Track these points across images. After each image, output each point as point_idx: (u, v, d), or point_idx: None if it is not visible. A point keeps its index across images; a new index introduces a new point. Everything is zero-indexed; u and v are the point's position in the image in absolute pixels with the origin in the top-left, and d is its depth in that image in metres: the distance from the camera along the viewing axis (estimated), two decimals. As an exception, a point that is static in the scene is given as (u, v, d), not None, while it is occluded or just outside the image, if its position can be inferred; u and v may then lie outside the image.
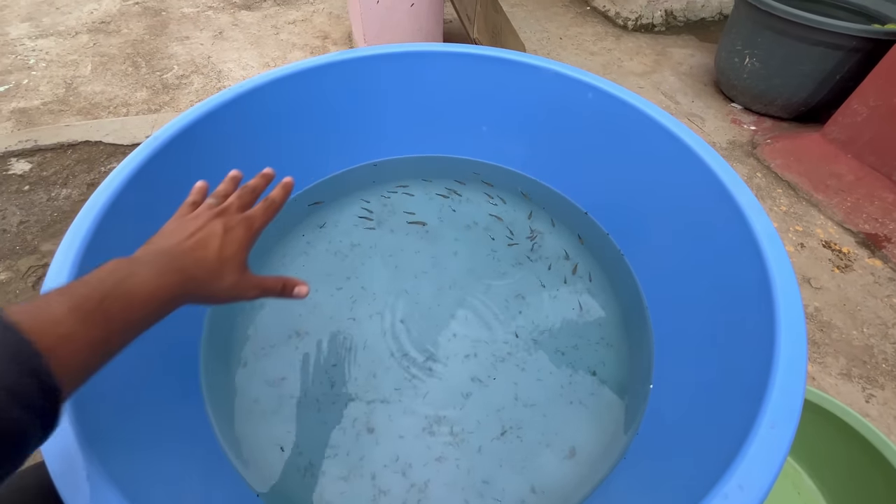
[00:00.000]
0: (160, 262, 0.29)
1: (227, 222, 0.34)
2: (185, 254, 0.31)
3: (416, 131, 0.81)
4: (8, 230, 0.91)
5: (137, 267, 0.28)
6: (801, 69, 1.20)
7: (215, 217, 0.34)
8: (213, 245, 0.32)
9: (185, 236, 0.32)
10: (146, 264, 0.28)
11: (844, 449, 0.58)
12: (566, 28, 1.78)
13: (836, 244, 1.01)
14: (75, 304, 0.24)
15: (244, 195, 0.38)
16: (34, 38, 1.58)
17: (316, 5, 1.85)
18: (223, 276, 0.32)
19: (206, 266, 0.31)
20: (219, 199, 0.38)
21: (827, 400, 0.59)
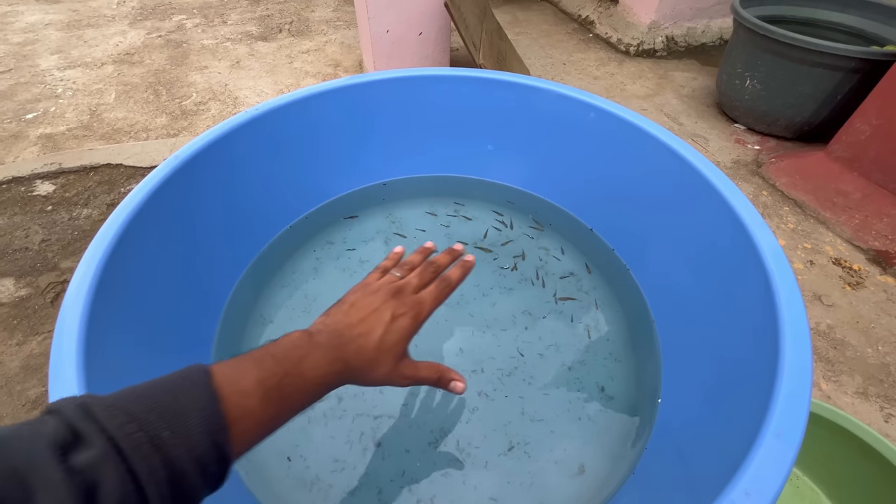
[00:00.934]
0: (331, 346, 0.30)
1: (397, 308, 0.34)
2: (351, 341, 0.31)
3: (424, 151, 0.83)
4: (30, 248, 0.94)
5: (314, 349, 0.29)
6: (802, 90, 1.22)
7: (390, 298, 0.34)
8: (377, 334, 0.32)
9: (358, 320, 0.32)
10: (321, 347, 0.29)
11: (863, 468, 0.57)
12: (570, 54, 1.83)
13: (847, 261, 1.00)
14: (262, 378, 0.25)
15: (425, 273, 0.39)
16: (62, 69, 1.67)
17: (329, 36, 1.94)
18: (379, 367, 0.32)
19: (364, 355, 0.31)
20: (404, 271, 0.38)
21: (845, 418, 0.58)
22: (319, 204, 0.80)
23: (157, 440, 0.20)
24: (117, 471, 0.18)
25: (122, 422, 0.20)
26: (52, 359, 0.38)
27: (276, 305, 0.67)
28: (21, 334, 0.80)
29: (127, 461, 0.19)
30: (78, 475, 0.17)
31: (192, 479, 0.21)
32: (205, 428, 0.22)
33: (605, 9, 2.00)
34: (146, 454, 0.19)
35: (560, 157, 0.77)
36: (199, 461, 0.21)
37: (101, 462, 0.18)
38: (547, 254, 0.75)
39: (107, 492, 0.18)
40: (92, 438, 0.18)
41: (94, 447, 0.18)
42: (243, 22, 2.05)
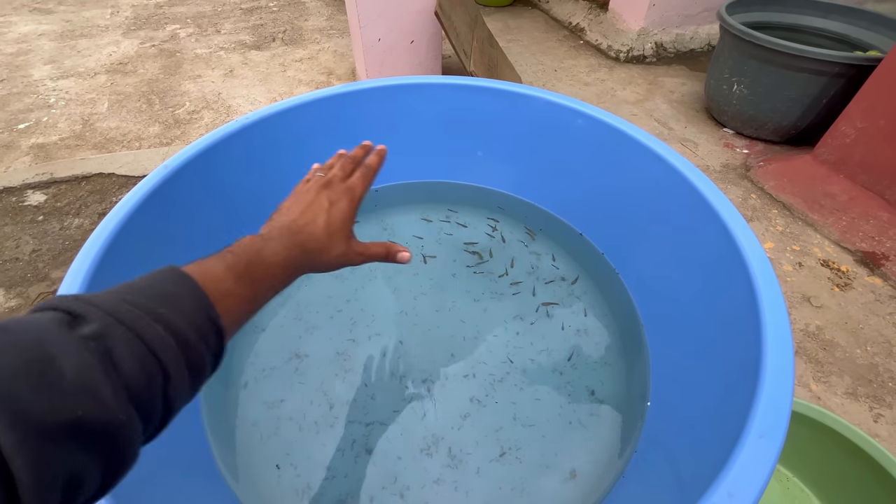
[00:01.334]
0: (284, 237, 0.33)
1: (331, 195, 0.38)
2: (300, 229, 0.34)
3: (415, 158, 0.84)
4: (21, 258, 0.94)
5: (268, 242, 0.31)
6: (788, 95, 1.24)
7: (322, 189, 0.38)
8: (321, 219, 0.35)
9: (299, 213, 0.36)
10: (274, 239, 0.32)
11: (853, 469, 0.57)
12: (560, 61, 1.85)
13: (835, 263, 1.01)
14: (228, 266, 0.27)
15: (345, 164, 0.42)
16: (55, 79, 1.67)
17: (322, 44, 1.95)
18: (332, 247, 0.36)
19: (316, 239, 0.35)
20: (325, 171, 0.42)
21: (834, 419, 0.58)
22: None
23: (155, 315, 0.21)
24: (125, 336, 0.19)
25: (115, 301, 0.21)
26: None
27: (268, 313, 0.68)
28: (10, 345, 0.79)
29: (133, 329, 0.20)
30: (91, 342, 0.18)
31: (198, 347, 0.22)
32: (195, 305, 0.23)
33: (595, 16, 2.03)
34: (148, 324, 0.20)
35: (550, 162, 0.78)
36: (199, 331, 0.23)
37: (107, 331, 0.19)
38: (538, 259, 0.75)
39: (122, 351, 0.19)
40: (91, 316, 0.19)
41: (96, 321, 0.19)
42: (237, 31, 2.06)
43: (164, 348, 0.20)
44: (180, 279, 0.24)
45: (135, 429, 0.19)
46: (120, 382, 0.18)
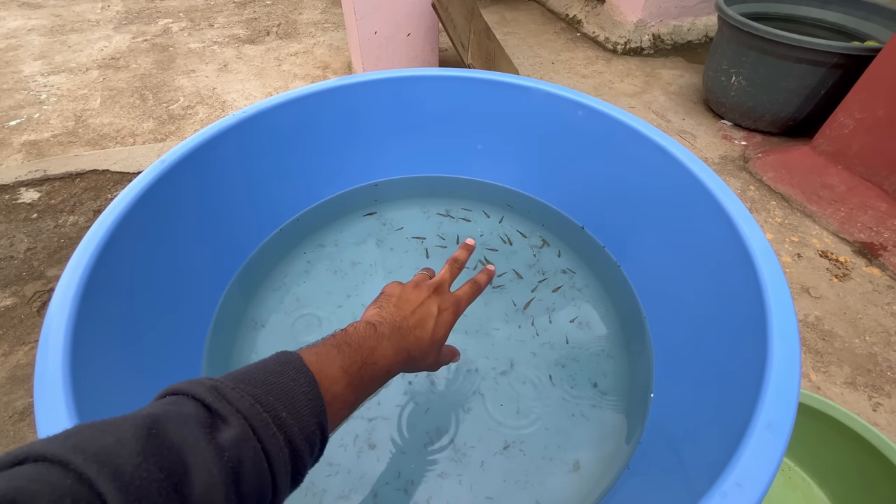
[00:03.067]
0: (394, 338, 0.33)
1: (442, 303, 0.38)
2: (409, 332, 0.34)
3: (413, 152, 0.83)
4: (15, 257, 0.93)
5: (382, 340, 0.31)
6: (787, 86, 1.24)
7: (433, 294, 0.38)
8: (429, 327, 0.36)
9: (410, 312, 0.36)
10: (387, 338, 0.32)
11: (854, 458, 0.58)
12: (558, 53, 1.84)
13: (833, 254, 1.01)
14: (345, 365, 0.27)
15: (454, 268, 0.43)
16: (46, 75, 1.64)
17: (317, 38, 1.93)
18: (429, 356, 0.36)
19: (421, 347, 0.35)
20: (430, 272, 0.43)
21: (834, 408, 0.58)
22: (310, 206, 0.79)
23: (278, 420, 0.22)
24: (255, 450, 0.20)
25: (250, 403, 0.21)
26: (37, 370, 0.38)
27: (267, 309, 0.67)
28: (7, 344, 0.78)
29: (261, 441, 0.21)
30: (225, 453, 0.19)
31: (304, 456, 0.23)
32: (311, 409, 0.24)
33: (592, 8, 2.01)
34: (273, 434, 0.21)
35: (549, 155, 0.77)
36: (309, 440, 0.23)
37: (242, 441, 0.20)
38: (538, 252, 0.75)
39: (247, 468, 0.20)
40: (230, 419, 0.20)
41: (234, 427, 0.20)
42: (230, 25, 2.04)
43: (280, 464, 0.21)
44: (300, 374, 0.24)
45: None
46: (236, 502, 0.19)
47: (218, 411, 0.20)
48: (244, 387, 0.22)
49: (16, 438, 0.66)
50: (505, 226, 0.79)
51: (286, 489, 0.22)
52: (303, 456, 0.23)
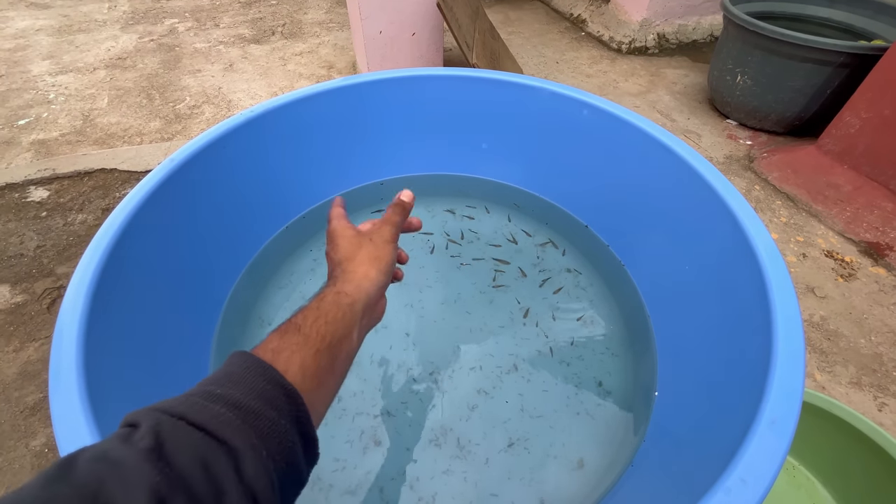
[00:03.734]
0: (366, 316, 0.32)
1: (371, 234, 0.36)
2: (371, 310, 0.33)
3: (419, 151, 0.83)
4: (25, 254, 0.94)
5: (356, 329, 0.30)
6: (792, 85, 1.23)
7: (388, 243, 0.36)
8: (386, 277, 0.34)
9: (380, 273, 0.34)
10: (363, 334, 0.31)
11: (859, 457, 0.58)
12: (562, 53, 1.84)
13: (839, 253, 1.01)
14: (282, 329, 0.26)
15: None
16: (54, 75, 1.66)
17: (322, 38, 1.94)
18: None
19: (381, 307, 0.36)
20: None
21: (839, 407, 0.58)
22: (316, 204, 0.80)
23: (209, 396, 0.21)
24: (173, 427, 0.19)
25: (172, 400, 0.21)
26: (51, 364, 0.38)
27: (274, 306, 0.68)
28: (18, 341, 0.79)
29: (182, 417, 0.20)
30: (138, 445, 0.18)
31: (265, 412, 0.21)
32: (252, 373, 0.23)
33: (596, 7, 2.01)
34: (201, 407, 0.20)
35: (554, 154, 0.77)
36: (262, 397, 0.22)
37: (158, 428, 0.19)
38: (543, 251, 0.75)
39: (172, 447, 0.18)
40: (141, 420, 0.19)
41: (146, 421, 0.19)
42: (235, 25, 2.05)
43: (220, 425, 0.19)
44: (240, 358, 0.24)
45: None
46: (176, 479, 0.17)
47: (132, 421, 0.20)
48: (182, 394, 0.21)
49: (27, 433, 0.67)
50: (509, 224, 0.80)
51: (256, 449, 0.20)
52: (260, 412, 0.21)
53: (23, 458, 0.65)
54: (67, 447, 0.33)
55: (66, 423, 0.35)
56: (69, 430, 0.34)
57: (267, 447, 0.20)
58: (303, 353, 0.25)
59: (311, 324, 0.27)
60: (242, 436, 0.20)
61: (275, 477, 0.20)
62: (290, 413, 0.22)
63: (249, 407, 0.21)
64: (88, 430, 0.34)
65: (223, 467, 0.19)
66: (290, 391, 0.23)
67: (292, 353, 0.25)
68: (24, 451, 0.66)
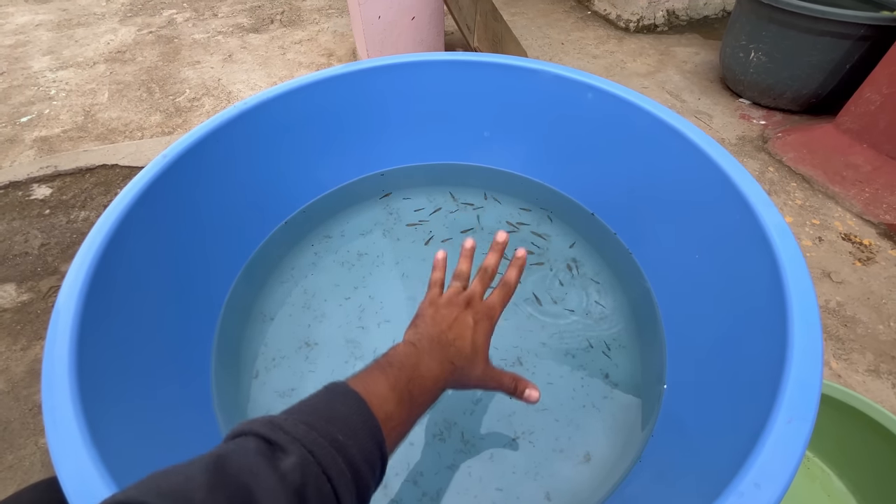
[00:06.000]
0: (437, 352, 0.33)
1: (476, 315, 0.38)
2: (449, 344, 0.35)
3: (419, 140, 0.81)
4: (30, 253, 0.94)
5: (424, 354, 0.32)
6: (809, 61, 1.18)
7: (466, 307, 0.38)
8: (468, 337, 0.36)
9: (446, 327, 0.36)
10: (428, 353, 0.33)
11: (875, 448, 0.56)
12: (567, 33, 1.79)
13: (857, 236, 0.97)
14: (392, 383, 0.28)
15: (485, 279, 0.43)
16: (55, 70, 1.65)
17: (321, 25, 1.90)
18: (476, 366, 0.37)
19: (464, 357, 0.36)
20: (462, 280, 0.42)
21: (855, 397, 0.56)
22: (315, 197, 0.79)
23: (335, 443, 0.23)
24: (315, 473, 0.21)
25: (305, 430, 0.22)
26: (44, 365, 0.38)
27: (276, 302, 0.67)
28: (25, 339, 0.80)
29: (321, 464, 0.21)
30: (288, 479, 0.20)
31: (366, 476, 0.23)
32: (366, 431, 0.24)
33: (603, -16, 1.94)
34: (332, 455, 0.22)
35: (559, 140, 0.75)
36: (368, 460, 0.24)
37: (302, 465, 0.21)
38: (547, 240, 0.73)
39: (311, 492, 0.21)
40: (288, 447, 0.21)
41: (293, 454, 0.21)
42: (234, 14, 2.02)
43: (343, 486, 0.22)
44: (350, 399, 0.25)
45: None
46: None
47: (276, 441, 0.21)
48: (297, 416, 0.23)
49: (36, 430, 0.68)
50: (513, 213, 0.78)
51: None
52: (364, 476, 0.23)
53: (33, 456, 0.66)
54: (61, 452, 0.33)
55: (57, 422, 0.34)
56: (62, 435, 0.34)
57: (359, 500, 0.23)
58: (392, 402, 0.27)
59: (416, 368, 0.30)
60: (351, 499, 0.22)
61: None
62: (378, 476, 0.25)
63: (361, 472, 0.23)
64: (82, 438, 0.34)
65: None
66: (384, 456, 0.25)
67: (385, 401, 0.27)
68: (34, 449, 0.67)
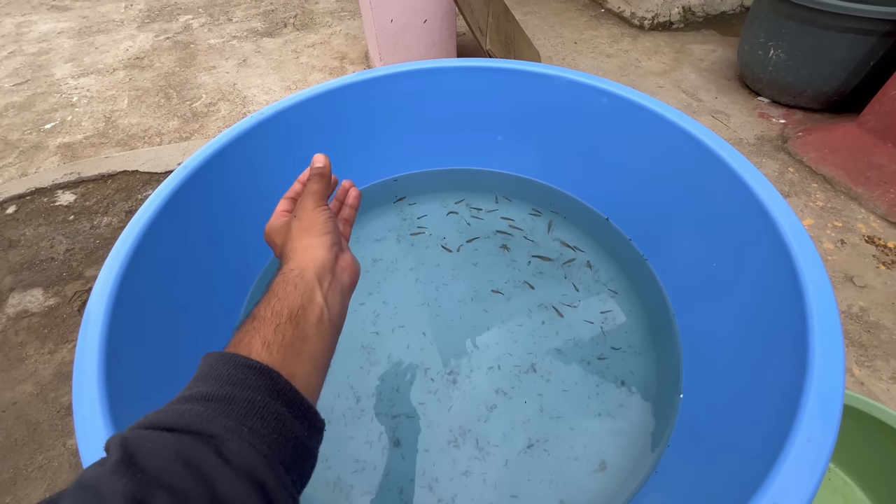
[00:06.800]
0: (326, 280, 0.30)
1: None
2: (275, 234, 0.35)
3: (432, 146, 0.82)
4: (56, 258, 0.97)
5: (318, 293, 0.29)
6: (831, 58, 1.15)
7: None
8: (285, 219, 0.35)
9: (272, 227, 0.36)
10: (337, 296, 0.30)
11: (899, 459, 0.55)
12: (581, 32, 1.77)
13: (881, 239, 0.95)
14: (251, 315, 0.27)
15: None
16: (76, 77, 1.69)
17: (333, 27, 1.91)
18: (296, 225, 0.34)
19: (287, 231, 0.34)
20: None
21: (877, 408, 0.55)
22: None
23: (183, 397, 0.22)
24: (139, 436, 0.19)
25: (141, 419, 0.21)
26: (75, 370, 0.39)
27: (291, 308, 0.68)
28: (52, 343, 0.83)
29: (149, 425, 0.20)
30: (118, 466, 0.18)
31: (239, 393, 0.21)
32: (216, 361, 0.23)
33: (616, -19, 1.91)
34: (168, 409, 0.21)
35: (573, 145, 0.74)
36: (231, 381, 0.22)
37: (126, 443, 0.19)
38: (562, 246, 0.73)
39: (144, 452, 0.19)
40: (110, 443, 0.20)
41: (113, 440, 0.19)
42: (248, 18, 2.04)
43: (190, 420, 0.20)
44: (206, 357, 0.24)
45: None
46: (151, 480, 0.18)
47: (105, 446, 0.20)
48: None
49: (64, 432, 0.71)
50: (527, 218, 0.78)
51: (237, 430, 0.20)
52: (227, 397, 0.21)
53: (61, 457, 0.68)
54: (88, 450, 0.34)
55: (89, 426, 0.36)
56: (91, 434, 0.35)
57: (248, 425, 0.20)
58: (262, 332, 0.25)
59: (265, 307, 0.27)
60: (216, 423, 0.20)
61: (268, 451, 0.20)
62: (265, 387, 0.22)
63: (218, 395, 0.21)
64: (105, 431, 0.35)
65: (203, 456, 0.19)
66: (259, 367, 0.23)
67: (252, 336, 0.25)
68: (62, 450, 0.69)
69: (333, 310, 0.29)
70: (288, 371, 0.24)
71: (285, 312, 0.26)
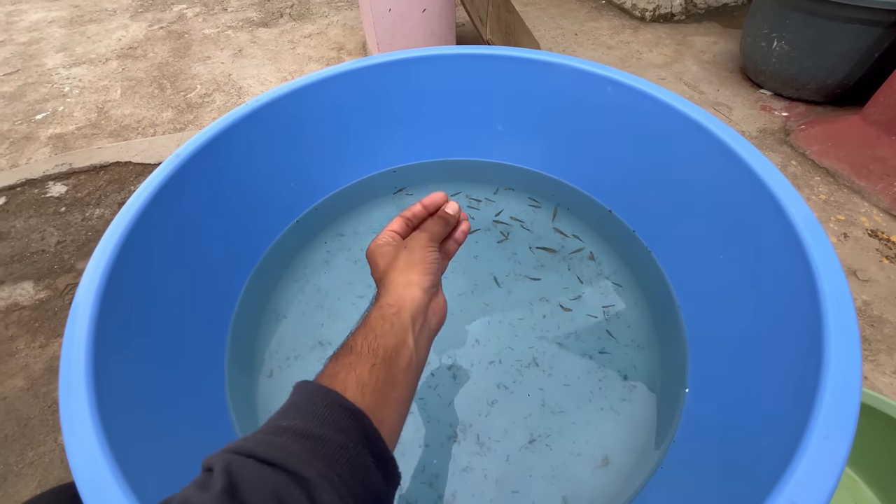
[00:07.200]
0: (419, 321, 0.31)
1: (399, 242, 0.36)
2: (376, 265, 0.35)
3: (432, 136, 0.80)
4: (47, 250, 0.95)
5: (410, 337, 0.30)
6: (835, 49, 1.13)
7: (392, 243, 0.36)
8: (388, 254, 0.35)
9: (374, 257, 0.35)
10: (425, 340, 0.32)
11: (905, 454, 0.54)
12: (581, 23, 1.75)
13: (884, 233, 0.94)
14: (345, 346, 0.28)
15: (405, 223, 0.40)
16: (68, 67, 1.66)
17: (330, 18, 1.88)
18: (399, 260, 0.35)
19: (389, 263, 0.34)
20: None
21: (883, 402, 0.54)
22: (327, 195, 0.78)
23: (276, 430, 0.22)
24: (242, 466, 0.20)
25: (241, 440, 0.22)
26: (61, 366, 0.38)
27: (288, 300, 0.67)
28: (43, 336, 0.81)
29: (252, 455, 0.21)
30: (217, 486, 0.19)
31: (331, 436, 0.22)
32: (313, 399, 0.24)
33: (617, -28, 1.89)
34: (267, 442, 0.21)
35: (575, 135, 0.73)
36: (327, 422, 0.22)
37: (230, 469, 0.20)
38: (564, 238, 0.72)
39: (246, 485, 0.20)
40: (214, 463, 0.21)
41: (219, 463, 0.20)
42: (243, 8, 2.01)
43: (288, 457, 0.20)
44: (301, 387, 0.25)
45: None
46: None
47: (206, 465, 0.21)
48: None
49: (55, 428, 0.69)
50: (528, 210, 0.76)
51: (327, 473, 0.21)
52: (324, 437, 0.22)
53: (52, 453, 0.67)
54: (77, 451, 0.33)
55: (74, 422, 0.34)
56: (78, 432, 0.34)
57: (339, 473, 0.21)
58: (358, 370, 0.25)
59: (361, 341, 0.27)
60: (312, 465, 0.20)
61: (351, 502, 0.21)
62: (357, 433, 0.23)
63: (315, 434, 0.22)
64: (97, 437, 0.33)
65: (297, 499, 0.19)
66: (353, 411, 0.23)
67: (348, 372, 0.25)
68: (54, 446, 0.68)
69: (420, 355, 0.30)
70: (377, 417, 0.24)
71: (381, 352, 0.27)
